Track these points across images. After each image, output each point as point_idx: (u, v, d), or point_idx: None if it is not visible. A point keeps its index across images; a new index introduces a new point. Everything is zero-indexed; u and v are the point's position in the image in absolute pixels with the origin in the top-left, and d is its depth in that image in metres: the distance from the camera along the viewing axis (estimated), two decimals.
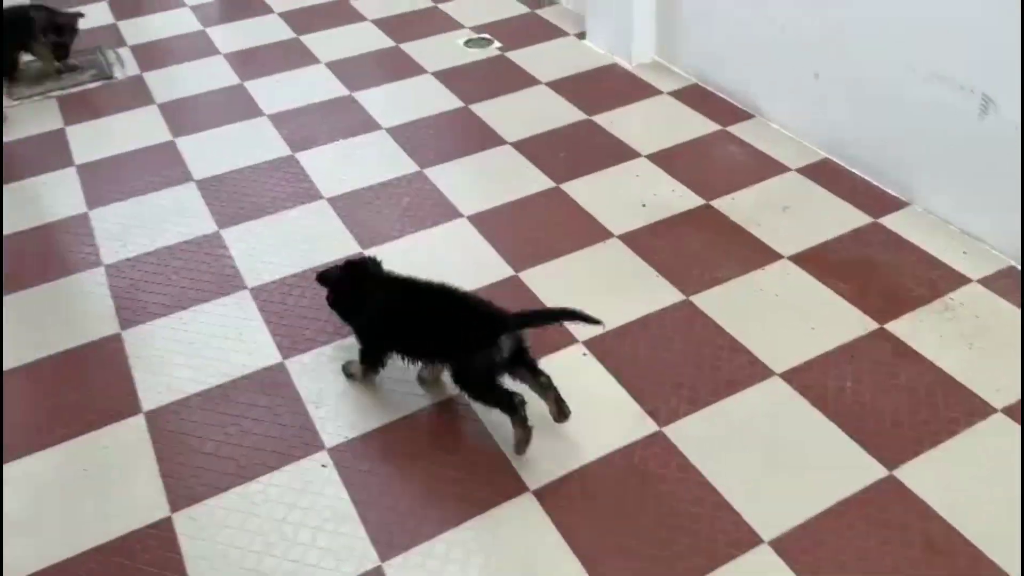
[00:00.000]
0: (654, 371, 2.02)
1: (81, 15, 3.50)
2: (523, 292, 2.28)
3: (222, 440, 1.91)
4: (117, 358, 2.15)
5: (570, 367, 2.02)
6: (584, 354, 2.07)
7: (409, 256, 2.44)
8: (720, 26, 3.00)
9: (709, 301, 2.21)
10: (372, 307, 1.95)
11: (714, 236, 2.44)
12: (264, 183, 2.79)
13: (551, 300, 2.24)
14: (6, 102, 3.33)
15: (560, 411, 1.83)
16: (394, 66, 3.48)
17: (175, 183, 2.81)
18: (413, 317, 1.89)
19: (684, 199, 2.59)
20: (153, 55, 3.67)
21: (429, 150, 2.93)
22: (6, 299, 2.37)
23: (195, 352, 2.16)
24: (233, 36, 3.78)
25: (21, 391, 2.09)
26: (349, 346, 2.12)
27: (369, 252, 2.45)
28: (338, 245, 2.50)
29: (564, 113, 3.09)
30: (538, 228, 2.53)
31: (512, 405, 1.77)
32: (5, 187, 2.85)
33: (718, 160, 2.78)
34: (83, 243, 2.56)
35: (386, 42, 3.67)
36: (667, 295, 2.23)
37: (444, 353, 1.87)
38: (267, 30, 3.82)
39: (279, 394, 2.03)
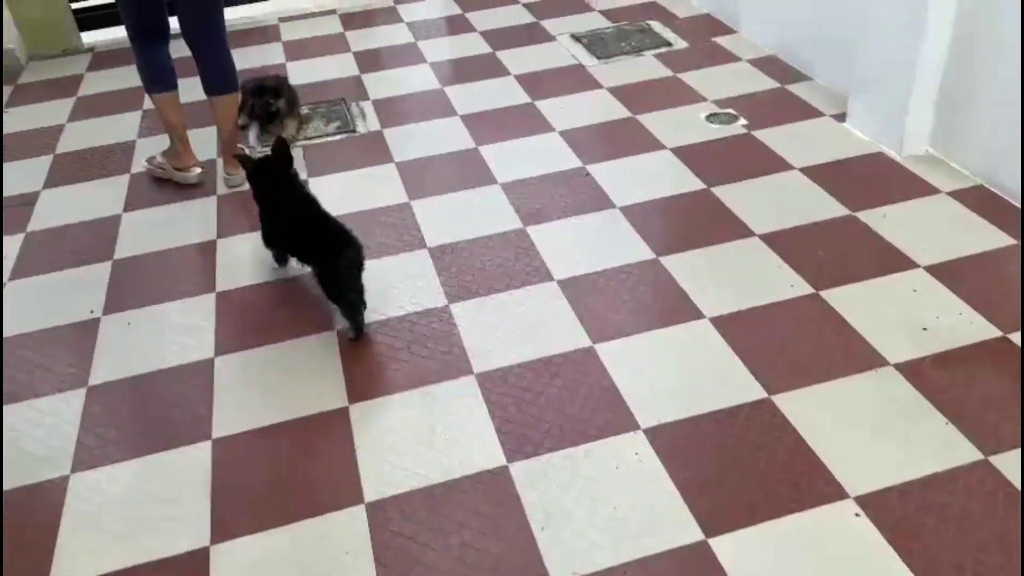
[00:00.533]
0: (953, 551, 1.67)
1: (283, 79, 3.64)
2: (778, 421, 2.00)
3: (441, 551, 1.78)
4: (342, 435, 2.10)
5: (838, 531, 1.72)
6: (857, 514, 1.76)
7: (644, 356, 2.24)
8: (1016, 118, 2.59)
9: (1014, 465, 1.82)
10: (267, 210, 2.67)
11: (1013, 379, 2.04)
12: (494, 257, 2.70)
13: (815, 436, 1.94)
14: (259, 148, 3.50)
15: (357, 332, 2.40)
16: (630, 139, 3.32)
17: (409, 248, 2.78)
18: (290, 226, 2.58)
19: (975, 327, 2.20)
20: (393, 110, 3.74)
21: (666, 235, 2.73)
22: (240, 355, 2.40)
23: (419, 439, 2.06)
24: (469, 97, 3.79)
25: (248, 457, 2.08)
26: (580, 456, 1.94)
27: (600, 346, 2.28)
28: (568, 335, 2.34)
29: (821, 205, 2.78)
30: (794, 343, 2.24)
31: (352, 311, 2.40)
32: (240, 235, 2.95)
33: (1013, 281, 2.36)
34: (317, 303, 2.57)
35: (622, 112, 3.53)
36: (961, 450, 1.87)
37: (307, 258, 2.55)
38: (503, 93, 3.80)
39: (501, 504, 1.88)
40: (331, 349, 2.38)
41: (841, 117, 3.26)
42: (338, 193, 3.13)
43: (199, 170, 3.27)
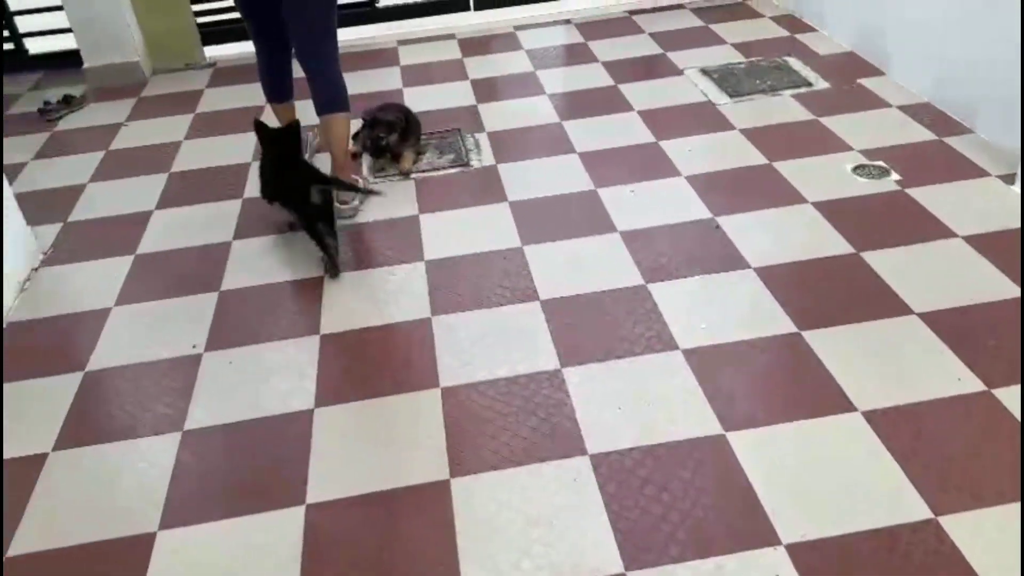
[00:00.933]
0: None
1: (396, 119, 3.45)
2: (946, 549, 1.70)
3: None
4: (442, 514, 1.92)
5: None
6: None
7: (784, 452, 1.97)
8: None
9: None
10: (262, 161, 3.03)
11: None
12: (613, 316, 2.48)
13: (993, 572, 1.64)
14: (371, 178, 3.39)
15: (333, 268, 2.79)
16: (766, 189, 3.04)
17: (520, 299, 2.59)
18: (272, 173, 2.95)
19: None
20: (509, 144, 3.57)
21: (810, 305, 2.45)
22: (341, 408, 2.26)
23: (524, 526, 1.86)
24: (589, 133, 3.59)
25: (341, 528, 1.92)
26: (711, 571, 1.70)
27: (733, 435, 2.03)
28: (695, 418, 2.09)
29: (990, 283, 2.44)
30: (964, 452, 1.93)
31: (323, 244, 2.78)
32: (358, 272, 2.83)
33: None
34: (423, 354, 2.41)
35: (757, 158, 3.25)
36: None
37: (283, 200, 2.92)
38: (625, 130, 3.58)
39: None
40: (435, 408, 2.21)
41: (1010, 179, 2.90)
42: (449, 232, 2.98)
43: None
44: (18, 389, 2.42)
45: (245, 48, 4.19)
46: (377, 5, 5.05)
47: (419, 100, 4.04)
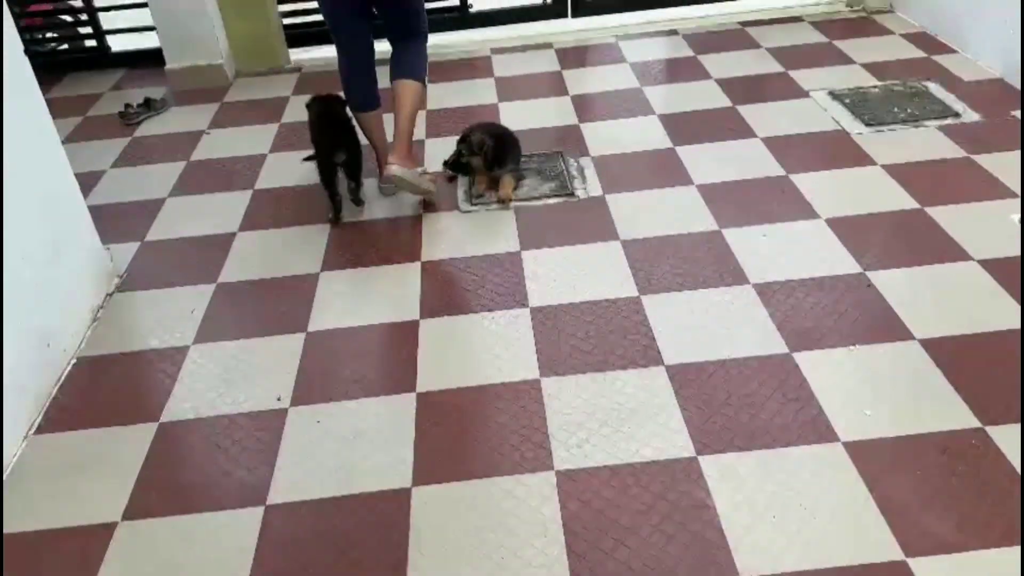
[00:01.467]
0: None
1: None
2: None
3: None
4: None
5: None
6: None
7: None
8: None
9: None
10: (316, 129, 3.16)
11: None
12: (755, 394, 2.13)
13: None
14: (465, 206, 3.11)
15: (357, 201, 3.15)
16: (922, 239, 2.65)
17: (642, 363, 2.27)
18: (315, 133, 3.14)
19: None
20: (617, 172, 3.24)
21: (991, 392, 2.07)
22: (440, 489, 1.97)
23: None
24: (707, 162, 3.24)
25: None
26: None
27: (916, 562, 1.68)
28: (867, 539, 1.74)
29: None
30: None
31: (333, 196, 3.05)
32: (455, 316, 2.55)
33: None
34: (532, 426, 2.11)
35: (905, 201, 2.86)
36: None
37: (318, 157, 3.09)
38: (748, 160, 3.22)
39: None
40: (549, 500, 1.91)
41: None
42: (555, 273, 2.67)
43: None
44: (88, 441, 2.20)
45: (330, 52, 3.94)
46: (470, 10, 4.77)
47: (516, 117, 3.74)
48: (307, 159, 3.38)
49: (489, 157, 3.11)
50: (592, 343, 2.36)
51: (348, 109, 3.13)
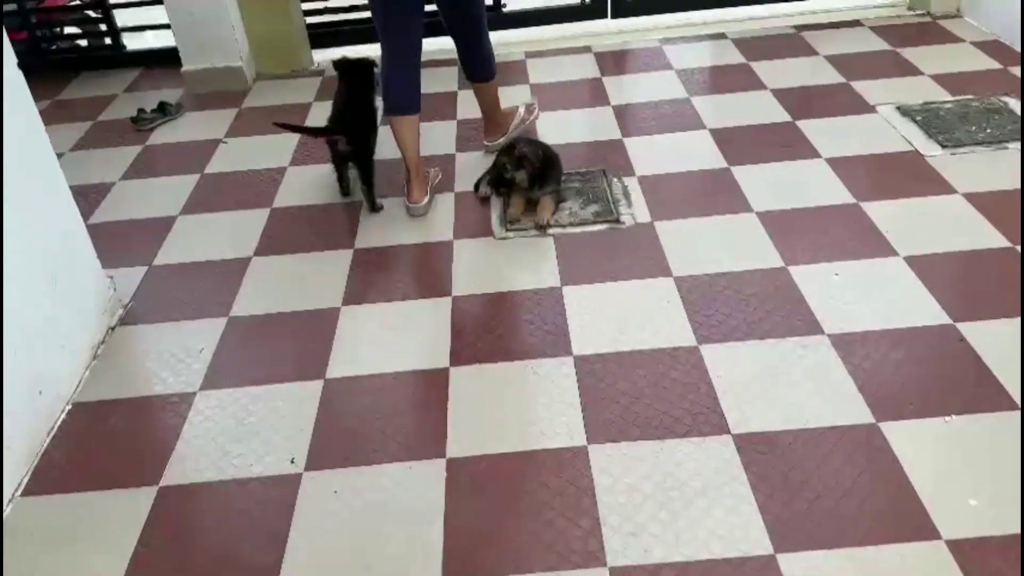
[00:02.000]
0: None
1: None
2: None
3: None
4: None
5: None
6: None
7: None
8: None
9: None
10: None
11: None
12: (836, 473, 1.85)
13: None
14: (500, 232, 2.83)
15: (372, 206, 3.01)
16: (1017, 284, 2.35)
17: (703, 432, 1.98)
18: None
19: None
20: (666, 194, 2.96)
21: None
22: None
23: None
24: (767, 185, 2.94)
25: None
26: None
27: None
28: None
29: None
30: None
31: (340, 179, 3.11)
32: (493, 364, 2.28)
33: None
34: (580, 508, 1.83)
35: (994, 238, 2.55)
36: None
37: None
38: (814, 184, 2.92)
39: None
40: None
41: None
42: (601, 315, 2.39)
43: (423, 204, 2.98)
44: (80, 505, 1.96)
45: (355, 53, 3.69)
46: (503, 9, 4.49)
47: (553, 129, 3.47)
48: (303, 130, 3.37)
49: (535, 171, 2.84)
50: (646, 403, 2.08)
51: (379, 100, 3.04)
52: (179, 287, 2.71)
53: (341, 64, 3.12)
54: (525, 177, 2.85)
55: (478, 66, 3.14)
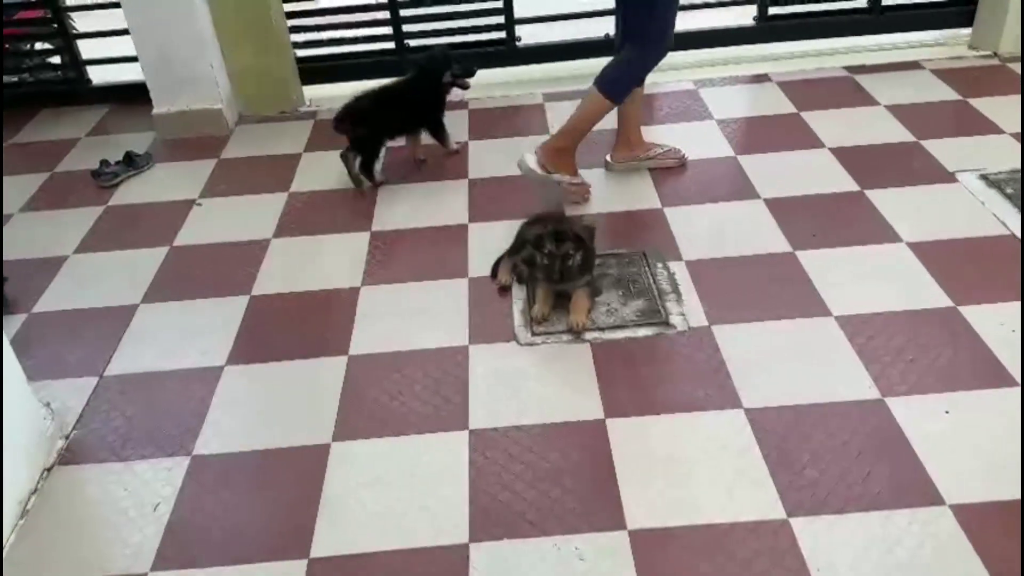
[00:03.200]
0: None
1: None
2: None
3: None
4: None
5: None
6: None
7: None
8: None
9: None
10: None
11: None
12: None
13: None
14: (524, 336, 2.35)
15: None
16: None
17: None
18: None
19: None
20: (721, 286, 2.48)
21: None
22: None
23: None
24: (843, 277, 2.46)
25: None
26: None
27: None
28: None
29: None
30: None
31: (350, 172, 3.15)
32: (506, 542, 1.80)
33: None
34: None
35: None
36: None
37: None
38: (900, 278, 2.44)
39: None
40: None
41: None
42: (657, 462, 1.91)
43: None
44: None
45: (350, 90, 3.22)
46: (517, 43, 4.00)
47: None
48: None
49: (574, 265, 2.37)
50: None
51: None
52: (135, 407, 2.21)
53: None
54: (558, 270, 2.37)
55: (605, 69, 2.88)
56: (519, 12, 3.93)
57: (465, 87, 3.25)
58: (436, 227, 2.89)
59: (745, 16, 4.04)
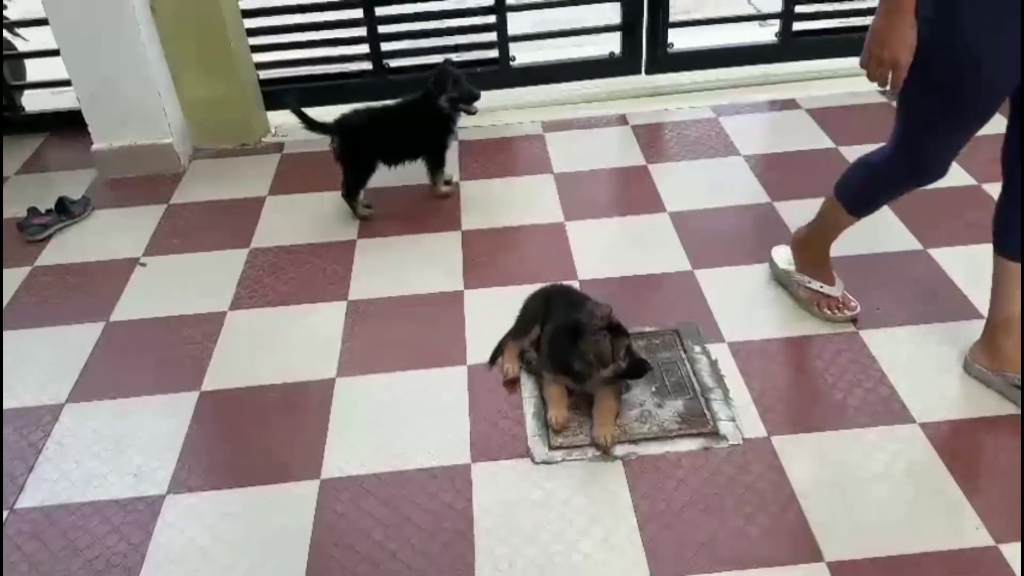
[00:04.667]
0: None
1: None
2: None
3: None
4: None
5: None
6: None
7: None
8: None
9: None
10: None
11: None
12: None
13: None
14: (540, 451, 1.90)
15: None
16: None
17: None
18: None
19: None
20: (776, 380, 2.04)
21: None
22: None
23: None
24: (916, 361, 2.04)
25: None
26: None
27: None
28: None
29: None
30: None
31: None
32: None
33: None
34: None
35: None
36: None
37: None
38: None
39: None
40: None
41: None
42: None
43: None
44: None
45: (322, 117, 2.75)
46: (512, 63, 3.53)
47: (588, 251, 2.55)
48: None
49: (613, 370, 1.92)
50: None
51: None
52: (47, 555, 1.74)
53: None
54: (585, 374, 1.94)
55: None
56: (513, 28, 3.45)
57: (471, 112, 2.77)
58: (426, 295, 2.43)
59: (767, 33, 3.61)
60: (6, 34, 3.48)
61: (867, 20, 1.74)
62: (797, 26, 3.52)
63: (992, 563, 1.59)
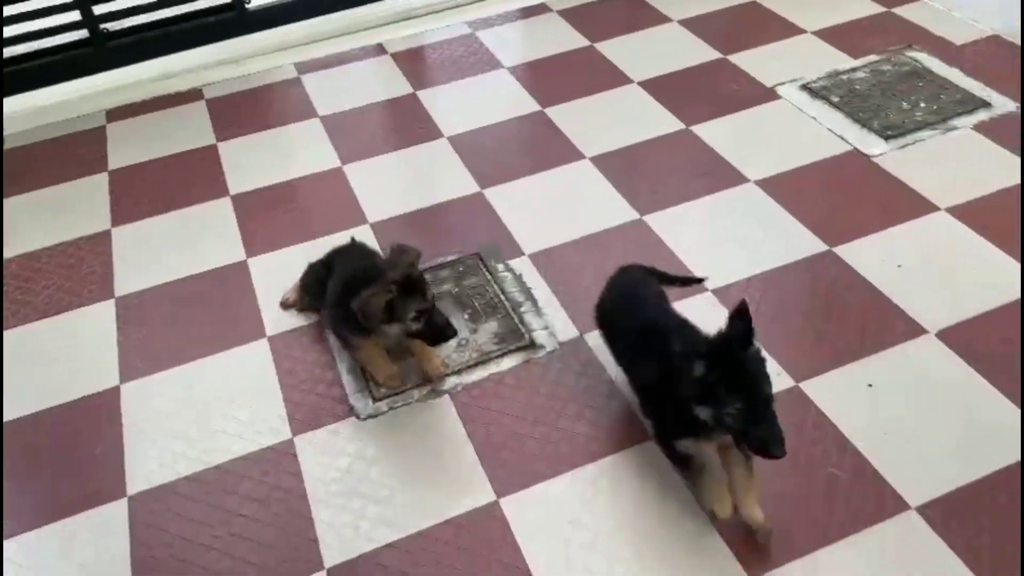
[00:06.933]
0: None
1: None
2: None
3: None
4: None
5: None
6: None
7: None
8: None
9: None
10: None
11: None
12: None
13: None
14: (363, 406, 1.81)
15: None
16: None
17: None
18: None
19: None
20: (578, 279, 2.08)
21: None
22: None
23: None
24: (700, 236, 2.14)
25: None
26: None
27: None
28: None
29: None
30: None
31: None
32: None
33: None
34: None
35: (1015, 273, 1.95)
36: None
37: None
38: (761, 226, 2.15)
39: None
40: None
41: None
42: (569, 544, 1.51)
43: None
44: None
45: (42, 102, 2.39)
46: (247, 5, 3.23)
47: (369, 190, 2.44)
48: None
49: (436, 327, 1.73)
50: None
51: None
52: None
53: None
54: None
55: None
56: None
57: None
58: (206, 272, 2.21)
59: None
60: None
61: None
62: None
63: None
